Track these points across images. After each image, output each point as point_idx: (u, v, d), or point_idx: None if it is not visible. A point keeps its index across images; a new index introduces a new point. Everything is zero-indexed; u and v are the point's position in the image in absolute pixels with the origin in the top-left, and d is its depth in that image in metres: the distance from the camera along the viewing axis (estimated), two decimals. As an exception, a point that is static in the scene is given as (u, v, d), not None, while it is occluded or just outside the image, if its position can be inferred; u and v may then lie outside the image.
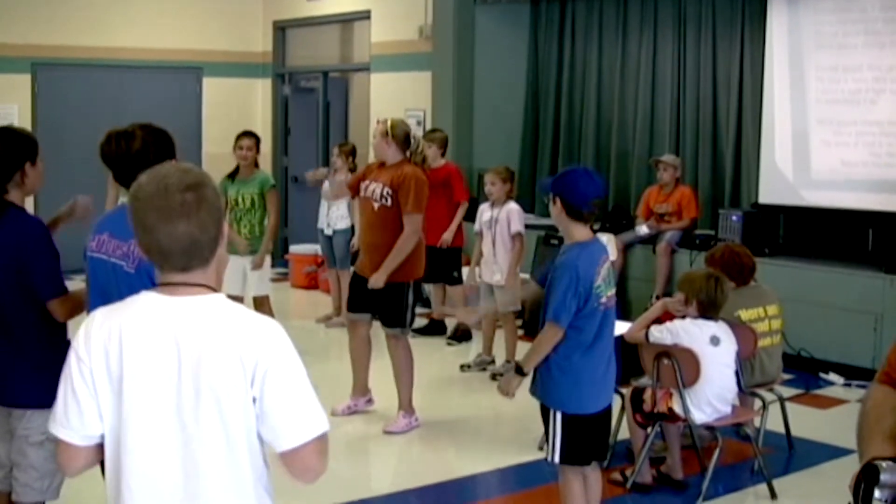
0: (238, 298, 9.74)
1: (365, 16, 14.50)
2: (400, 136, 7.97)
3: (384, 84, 14.25)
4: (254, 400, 2.82)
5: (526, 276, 10.65)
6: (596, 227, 11.73)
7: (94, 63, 14.91)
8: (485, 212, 9.72)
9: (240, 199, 9.72)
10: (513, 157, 13.26)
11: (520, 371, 5.49)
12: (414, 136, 8.22)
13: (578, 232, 5.39)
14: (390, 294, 7.94)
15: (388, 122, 8.09)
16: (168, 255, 2.84)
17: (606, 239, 10.98)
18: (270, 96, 16.30)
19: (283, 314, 12.73)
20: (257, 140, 9.95)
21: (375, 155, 8.19)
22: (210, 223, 2.87)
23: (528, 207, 12.80)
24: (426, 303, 12.32)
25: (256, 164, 9.93)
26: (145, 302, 2.89)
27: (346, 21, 15.24)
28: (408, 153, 8.00)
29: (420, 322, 11.62)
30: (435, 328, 11.35)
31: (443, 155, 11.00)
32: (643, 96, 12.34)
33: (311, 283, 13.92)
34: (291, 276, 14.32)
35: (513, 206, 9.58)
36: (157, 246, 2.83)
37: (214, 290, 2.92)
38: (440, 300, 11.29)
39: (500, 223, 9.51)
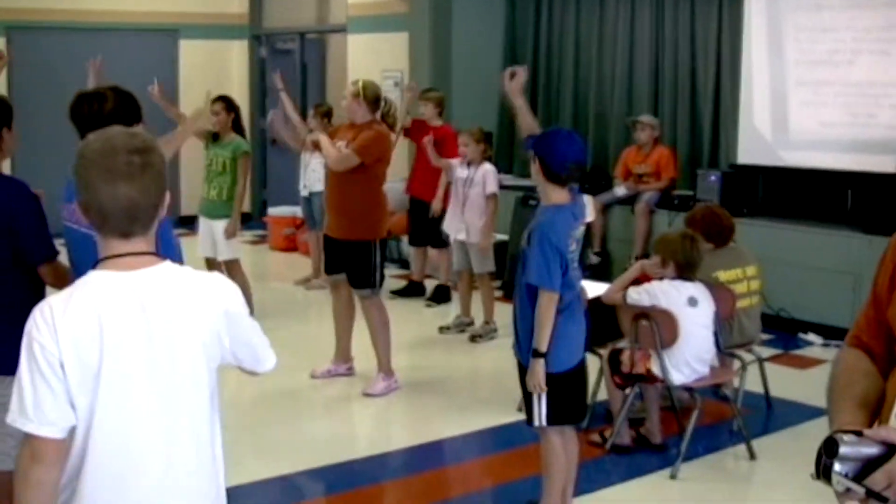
0: (212, 261, 9.78)
1: (342, -24, 14.42)
2: (370, 96, 7.99)
3: (361, 45, 14.17)
4: (220, 345, 2.95)
5: (501, 236, 10.69)
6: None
7: (70, 26, 14.78)
8: (459, 169, 9.71)
9: (213, 161, 9.67)
10: (491, 117, 13.23)
11: (538, 354, 5.36)
12: (384, 98, 8.27)
13: (556, 194, 5.35)
14: (356, 253, 7.93)
15: (360, 83, 8.11)
16: (107, 216, 2.82)
17: (586, 199, 10.98)
18: (247, 58, 16.21)
19: (261, 277, 12.74)
20: (228, 104, 9.83)
21: (346, 115, 8.17)
22: (153, 189, 2.86)
23: (506, 168, 12.84)
24: (405, 264, 12.32)
25: (239, 130, 9.82)
26: (106, 283, 2.84)
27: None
28: (378, 114, 8.03)
29: (399, 284, 11.64)
30: (414, 290, 11.32)
31: (440, 115, 10.96)
32: (621, 57, 12.30)
33: (291, 245, 13.89)
34: (270, 238, 14.29)
35: (488, 166, 9.60)
36: (97, 206, 2.82)
37: (160, 256, 2.93)
38: (421, 262, 11.27)
39: (475, 184, 9.52)
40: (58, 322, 2.76)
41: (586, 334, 5.51)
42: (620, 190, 11.15)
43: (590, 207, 10.55)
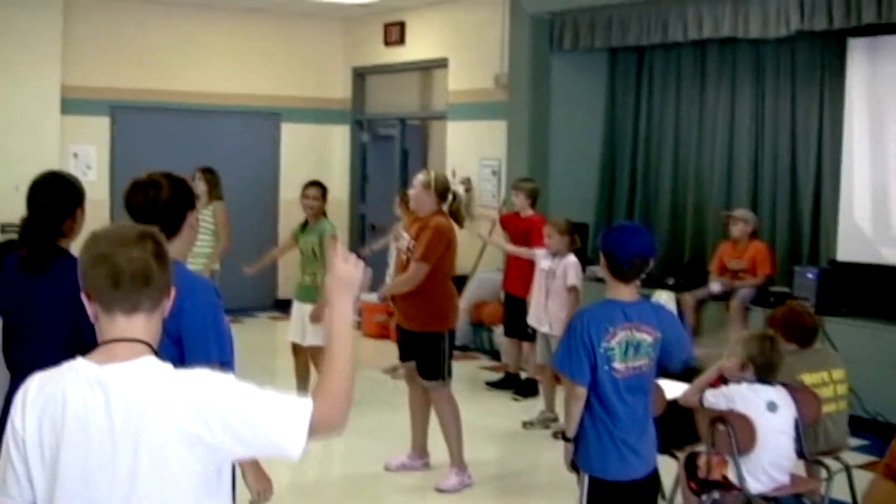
0: (297, 347, 9.75)
1: (442, 63, 14.42)
2: (440, 188, 7.99)
3: (460, 132, 14.14)
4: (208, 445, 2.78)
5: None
6: (669, 281, 11.54)
7: (173, 106, 14.99)
8: (543, 260, 9.59)
9: (305, 249, 9.72)
10: (588, 207, 13.07)
11: (565, 438, 5.27)
12: (453, 192, 8.23)
13: (615, 290, 5.19)
14: (426, 344, 7.90)
15: (432, 174, 8.16)
16: (120, 280, 2.80)
17: (666, 297, 10.75)
18: (349, 143, 16.27)
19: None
20: (324, 190, 9.87)
21: (413, 205, 8.11)
22: (164, 268, 2.88)
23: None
24: (497, 355, 12.15)
25: (324, 214, 9.85)
26: (80, 371, 2.82)
27: (425, 69, 15.16)
28: (444, 206, 8.01)
29: (495, 375, 11.48)
30: (510, 382, 11.12)
31: (532, 205, 10.86)
32: (721, 147, 12.09)
33: (383, 332, 13.79)
34: (363, 325, 14.20)
35: (571, 259, 9.46)
36: (109, 270, 2.80)
37: (150, 347, 2.87)
38: (516, 354, 11.05)
39: (557, 276, 9.39)
40: (28, 402, 2.81)
41: (654, 444, 5.31)
42: (715, 286, 10.86)
43: (671, 305, 10.44)
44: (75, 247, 5.48)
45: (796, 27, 10.29)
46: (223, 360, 4.31)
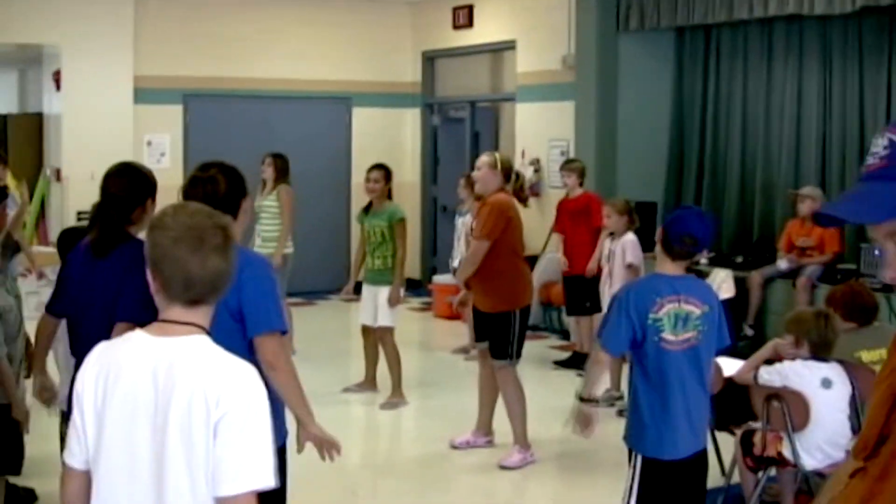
0: (367, 329, 9.88)
1: (511, 46, 14.46)
2: (505, 167, 8.07)
3: (529, 114, 14.19)
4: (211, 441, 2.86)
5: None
6: (738, 259, 11.54)
7: (244, 94, 15.18)
8: (605, 245, 9.67)
9: (371, 232, 9.78)
10: (656, 186, 13.08)
11: (581, 398, 5.45)
12: (516, 172, 8.29)
13: (663, 264, 5.35)
14: (497, 323, 7.97)
15: (496, 154, 8.30)
16: (193, 285, 2.94)
17: (724, 275, 10.76)
18: (419, 126, 16.36)
19: (424, 344, 12.80)
20: (387, 172, 9.91)
21: (478, 186, 8.18)
22: (234, 262, 3.03)
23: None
24: (566, 334, 12.22)
25: (390, 196, 9.92)
26: (136, 341, 2.99)
27: (493, 51, 15.21)
28: (508, 186, 8.07)
29: (563, 354, 11.54)
30: (578, 360, 11.17)
31: (581, 184, 11.01)
32: (788, 125, 12.02)
33: (455, 314, 13.87)
34: (435, 306, 14.32)
35: (629, 237, 9.50)
36: (182, 275, 2.93)
37: (205, 330, 2.99)
38: (585, 332, 11.09)
39: (616, 255, 9.44)
40: (88, 366, 3.02)
41: (706, 421, 5.38)
42: (783, 263, 10.85)
43: (728, 283, 10.46)
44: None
45: (862, 2, 10.22)
46: (283, 328, 4.49)
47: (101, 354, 3.02)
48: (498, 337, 7.97)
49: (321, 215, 15.14)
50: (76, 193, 14.14)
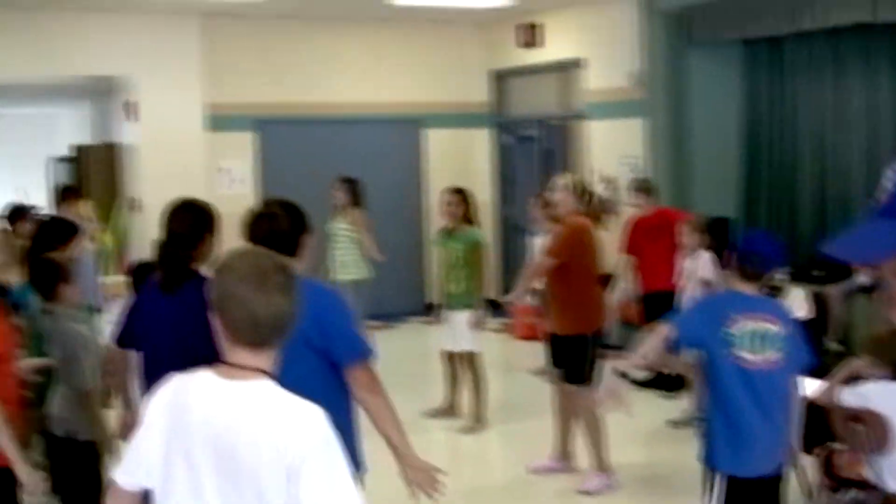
0: (450, 355, 9.90)
1: (579, 63, 14.44)
2: (579, 189, 8.13)
3: (600, 131, 14.15)
4: (289, 488, 2.90)
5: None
6: (815, 273, 11.42)
7: (316, 118, 15.29)
8: (685, 263, 9.63)
9: (450, 255, 9.79)
10: (730, 202, 12.99)
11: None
12: (590, 192, 8.35)
13: (738, 285, 5.42)
14: (572, 347, 7.96)
15: (570, 177, 8.40)
16: (258, 325, 2.99)
17: (799, 294, 10.64)
18: (491, 146, 16.37)
19: (503, 366, 12.76)
20: (463, 195, 9.90)
21: (559, 209, 8.17)
22: (297, 304, 3.06)
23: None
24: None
25: (469, 220, 9.89)
26: (205, 381, 3.05)
27: (562, 69, 15.18)
28: (582, 207, 8.09)
29: (645, 374, 11.46)
30: (660, 381, 11.10)
31: (653, 201, 11.04)
32: (861, 136, 11.89)
33: (532, 334, 13.85)
34: (514, 327, 14.30)
35: (705, 254, 9.43)
36: (248, 316, 2.98)
37: (269, 374, 3.04)
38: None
39: (692, 273, 9.40)
40: (163, 393, 3.12)
41: (787, 441, 5.36)
42: (861, 278, 10.71)
43: (800, 301, 10.35)
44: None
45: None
46: (373, 354, 4.58)
47: (175, 388, 3.10)
48: (573, 361, 7.97)
49: (395, 238, 15.18)
50: (154, 222, 14.25)
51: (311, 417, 2.96)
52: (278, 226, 4.60)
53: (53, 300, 6.38)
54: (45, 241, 7.32)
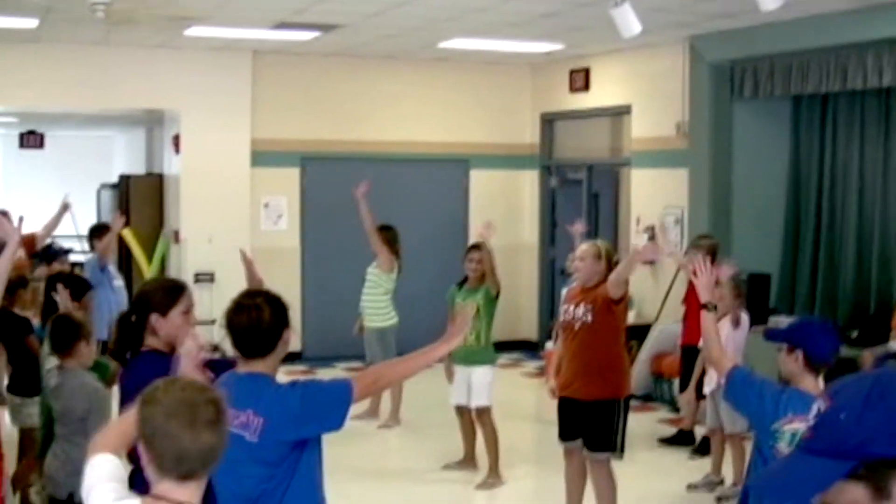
0: (462, 410, 9.84)
1: (626, 110, 14.35)
2: (608, 256, 7.94)
3: (644, 179, 14.05)
4: None
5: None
6: (852, 335, 11.23)
7: (361, 156, 15.28)
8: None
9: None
10: (773, 257, 12.83)
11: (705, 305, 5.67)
12: (614, 258, 8.08)
13: (810, 383, 5.23)
14: (600, 413, 7.77)
15: (599, 243, 8.12)
16: (184, 460, 2.98)
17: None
18: (537, 188, 16.30)
19: (534, 415, 12.59)
20: (484, 251, 9.94)
21: (583, 277, 7.98)
22: (226, 437, 3.06)
23: (786, 311, 12.35)
24: (676, 408, 11.99)
25: (483, 277, 9.91)
26: None
27: (610, 115, 15.10)
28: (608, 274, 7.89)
29: (668, 430, 11.33)
30: (683, 438, 10.97)
31: (712, 261, 10.81)
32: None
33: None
34: (547, 371, 14.15)
35: (740, 315, 9.25)
36: (176, 451, 2.97)
37: None
38: (692, 410, 10.87)
39: (724, 337, 9.17)
40: None
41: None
42: (895, 345, 10.50)
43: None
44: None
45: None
46: (348, 383, 4.51)
47: None
48: (600, 427, 7.79)
49: (438, 277, 15.05)
50: (194, 254, 14.43)
51: None
52: (260, 318, 4.56)
53: (69, 357, 6.41)
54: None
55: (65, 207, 11.68)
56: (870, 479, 1.82)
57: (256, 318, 4.54)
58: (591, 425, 7.83)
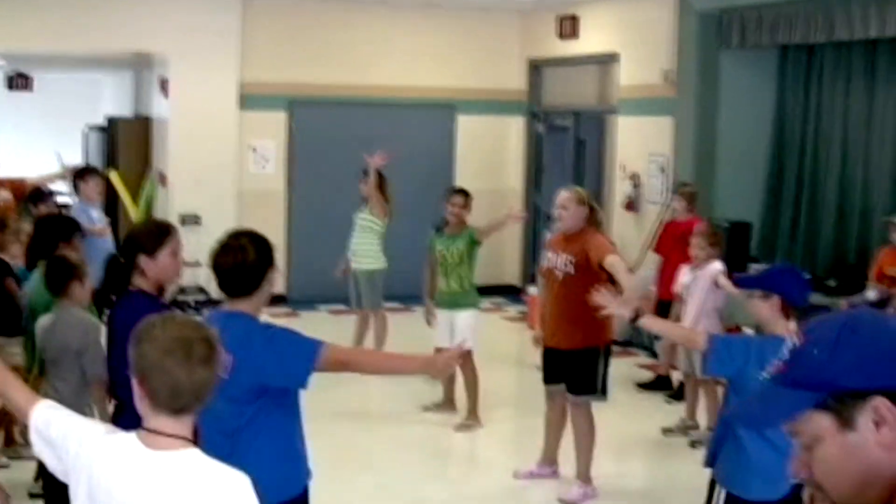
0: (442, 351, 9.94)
1: (614, 58, 14.37)
2: (588, 202, 8.01)
3: (630, 127, 14.09)
4: None
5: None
6: (830, 283, 11.36)
7: (349, 100, 15.33)
8: (686, 273, 9.54)
9: (448, 254, 9.87)
10: (753, 206, 12.90)
11: (635, 317, 5.82)
12: (591, 205, 8.10)
13: (783, 327, 5.36)
14: (582, 360, 7.88)
15: (578, 189, 8.22)
16: (180, 395, 3.08)
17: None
18: (524, 134, 16.34)
19: (515, 358, 12.75)
20: (467, 197, 10.03)
21: (567, 223, 8.04)
22: (218, 373, 3.16)
23: (769, 260, 12.44)
24: (655, 353, 12.13)
25: (463, 223, 10.00)
26: (129, 450, 3.13)
27: (597, 62, 15.12)
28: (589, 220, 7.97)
29: (645, 375, 11.47)
30: (660, 384, 11.12)
31: (691, 210, 10.94)
32: (889, 150, 11.75)
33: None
34: (529, 316, 14.29)
35: (715, 266, 9.32)
36: (170, 385, 3.06)
37: (191, 441, 3.13)
38: (668, 354, 11.03)
39: (698, 284, 9.30)
40: (81, 473, 3.16)
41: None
42: (871, 293, 10.60)
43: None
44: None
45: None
46: (319, 343, 4.58)
47: (98, 457, 3.15)
48: (583, 373, 7.90)
49: (422, 220, 15.18)
50: (180, 197, 14.47)
51: (236, 486, 3.10)
52: (245, 258, 4.63)
53: (64, 297, 6.47)
54: (47, 238, 7.41)
55: (64, 173, 11.79)
56: (836, 410, 1.91)
57: (241, 259, 4.61)
58: (573, 371, 7.96)
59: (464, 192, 10.11)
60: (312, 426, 4.71)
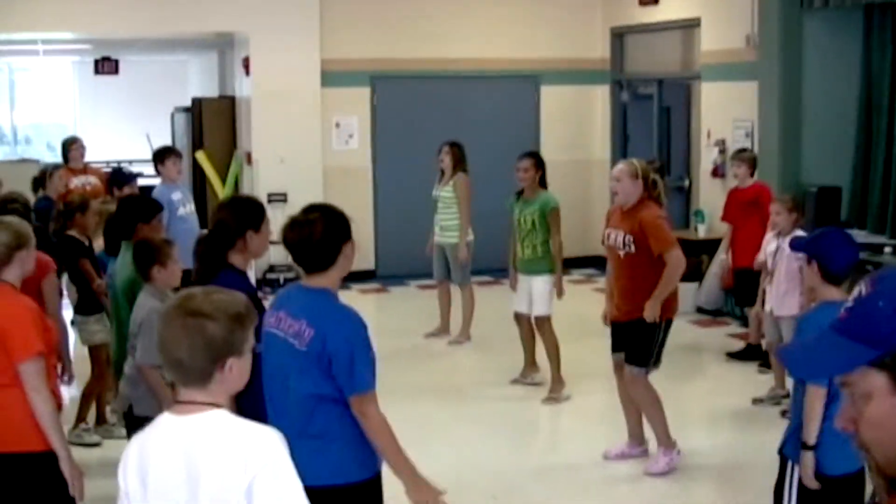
0: (520, 316, 9.92)
1: (696, 23, 14.20)
2: (645, 175, 7.86)
3: (713, 93, 13.93)
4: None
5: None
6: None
7: (431, 74, 15.32)
8: (770, 242, 9.41)
9: (522, 220, 9.85)
10: (843, 170, 12.67)
11: (806, 447, 5.20)
12: (653, 178, 7.96)
13: (830, 293, 5.27)
14: (641, 331, 7.82)
15: (635, 162, 8.04)
16: (184, 369, 3.18)
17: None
18: (609, 103, 16.23)
19: (606, 329, 12.61)
20: (537, 160, 9.96)
21: (621, 197, 7.94)
22: (201, 353, 3.15)
23: (859, 225, 12.23)
24: (746, 323, 11.99)
25: (543, 184, 9.92)
26: (162, 425, 3.23)
27: (679, 28, 14.95)
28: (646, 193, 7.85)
29: (736, 345, 11.35)
30: (751, 353, 10.98)
31: (752, 174, 10.88)
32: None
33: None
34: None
35: (798, 234, 9.19)
36: (177, 362, 3.17)
37: (219, 406, 3.17)
38: (756, 323, 10.89)
39: (785, 254, 9.14)
40: (129, 458, 3.27)
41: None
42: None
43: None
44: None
45: None
46: (370, 388, 4.55)
47: (138, 448, 3.26)
48: (640, 344, 7.85)
49: (510, 194, 15.18)
50: (266, 176, 14.59)
51: (263, 440, 3.12)
52: (312, 233, 4.62)
53: (148, 282, 6.55)
54: (127, 219, 7.49)
55: None
56: (894, 369, 1.83)
57: (308, 233, 4.61)
58: (632, 340, 7.91)
59: (531, 155, 10.08)
60: (397, 399, 4.72)
